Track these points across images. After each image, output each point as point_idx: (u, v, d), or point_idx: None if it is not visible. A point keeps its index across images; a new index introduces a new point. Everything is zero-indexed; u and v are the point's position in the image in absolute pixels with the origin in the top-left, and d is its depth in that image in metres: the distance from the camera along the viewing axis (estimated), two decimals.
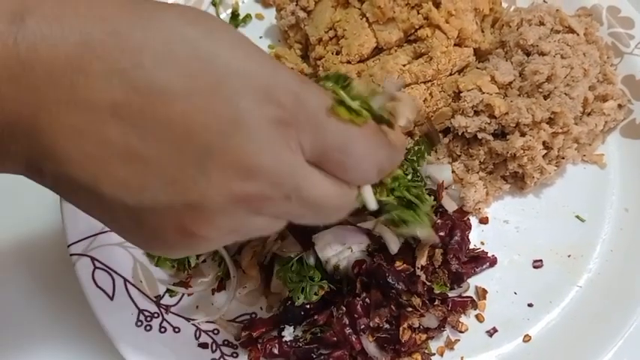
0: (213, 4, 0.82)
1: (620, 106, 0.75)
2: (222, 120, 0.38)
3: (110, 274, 0.65)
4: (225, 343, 0.66)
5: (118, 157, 0.38)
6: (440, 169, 0.70)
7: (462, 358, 0.66)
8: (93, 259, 0.65)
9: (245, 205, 0.41)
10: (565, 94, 0.69)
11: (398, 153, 0.49)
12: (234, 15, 0.82)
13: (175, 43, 0.38)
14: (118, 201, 0.39)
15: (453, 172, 0.70)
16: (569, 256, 0.70)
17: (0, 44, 0.35)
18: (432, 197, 0.67)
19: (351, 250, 0.64)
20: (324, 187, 0.44)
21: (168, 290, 0.67)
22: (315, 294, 0.63)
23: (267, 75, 0.40)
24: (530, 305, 0.68)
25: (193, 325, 0.66)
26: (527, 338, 0.67)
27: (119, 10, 0.39)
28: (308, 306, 0.64)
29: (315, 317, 0.64)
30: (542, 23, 0.73)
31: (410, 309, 0.63)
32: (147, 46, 0.37)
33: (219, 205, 0.40)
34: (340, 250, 0.64)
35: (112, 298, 0.64)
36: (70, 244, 0.66)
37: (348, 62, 0.71)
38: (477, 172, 0.71)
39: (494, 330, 0.67)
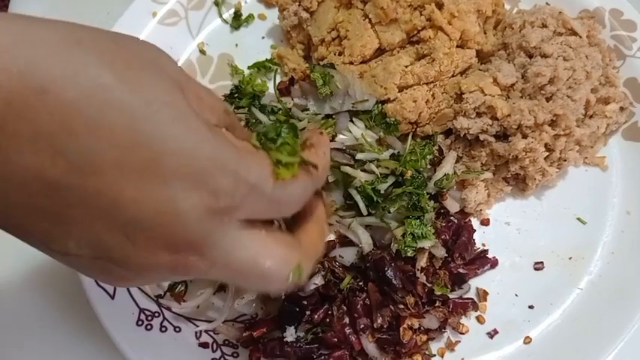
0: (216, 4, 0.82)
1: (622, 108, 0.75)
2: (154, 199, 0.37)
3: None
4: (226, 342, 0.66)
5: (44, 215, 0.37)
6: None
7: (462, 359, 0.66)
8: None
9: (170, 270, 0.40)
10: (567, 96, 0.69)
11: (321, 181, 0.49)
12: (237, 15, 0.82)
13: (112, 109, 0.35)
14: (49, 248, 0.39)
15: (454, 173, 0.70)
16: (570, 258, 0.70)
17: None
18: (433, 201, 0.68)
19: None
20: (253, 254, 0.43)
21: (169, 289, 0.67)
22: None
23: (205, 156, 0.38)
24: (530, 307, 0.68)
25: (194, 324, 0.66)
26: (527, 340, 0.67)
27: (45, 56, 0.35)
28: (305, 302, 0.64)
29: (312, 315, 0.64)
30: (544, 25, 0.73)
31: (402, 306, 0.63)
32: (79, 110, 0.35)
33: (142, 271, 0.40)
34: None
35: (112, 297, 0.64)
36: None
37: (351, 63, 0.71)
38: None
39: (495, 332, 0.67)
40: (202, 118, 0.40)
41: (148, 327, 0.64)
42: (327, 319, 0.64)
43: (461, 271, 0.67)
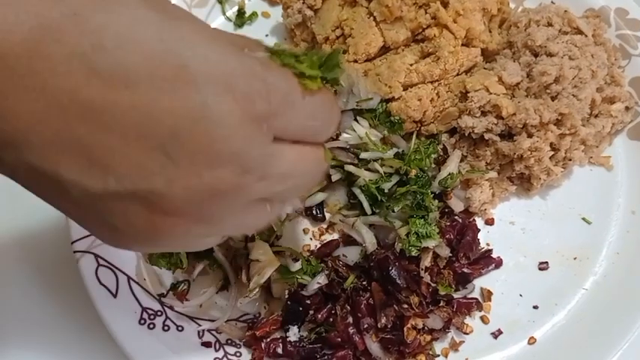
0: (219, 1, 0.81)
1: (627, 108, 0.74)
2: (188, 105, 0.36)
3: (114, 272, 0.65)
4: (229, 342, 0.65)
5: (81, 144, 0.36)
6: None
7: (466, 359, 0.66)
8: (97, 256, 0.65)
9: (218, 194, 0.39)
10: (573, 95, 0.68)
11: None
12: (241, 13, 0.82)
13: (138, 25, 0.36)
14: (81, 188, 0.37)
15: (459, 172, 0.70)
16: (575, 258, 0.70)
17: None
18: (437, 200, 0.67)
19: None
20: (295, 155, 0.43)
21: (172, 288, 0.67)
22: None
23: (233, 61, 0.38)
24: (535, 307, 0.68)
25: (197, 323, 0.66)
26: (532, 340, 0.66)
27: None
28: (308, 301, 0.64)
29: (316, 314, 0.64)
30: (550, 24, 0.72)
31: (406, 306, 0.63)
32: (108, 27, 0.36)
33: (187, 194, 0.38)
34: None
35: (115, 296, 0.64)
36: (74, 241, 0.65)
37: (355, 61, 0.71)
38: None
39: (499, 332, 0.67)
40: (225, 37, 0.41)
41: (151, 326, 0.64)
42: (331, 319, 0.64)
43: (465, 270, 0.67)
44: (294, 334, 0.63)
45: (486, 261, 0.69)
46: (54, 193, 0.39)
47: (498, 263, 0.69)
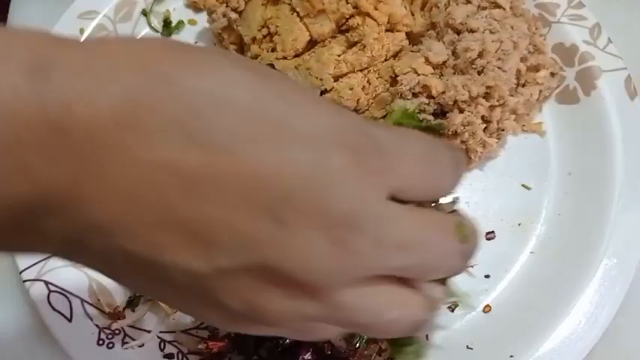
0: (144, 13, 0.81)
1: (552, 74, 0.77)
2: (295, 165, 0.32)
3: (66, 296, 0.65)
4: (191, 350, 0.66)
5: (182, 221, 0.32)
6: None
7: (426, 335, 0.67)
8: (47, 282, 0.65)
9: (329, 256, 0.33)
10: (498, 67, 0.70)
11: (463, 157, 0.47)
12: (167, 23, 0.81)
13: (233, 86, 0.33)
14: (186, 270, 0.33)
15: None
16: (519, 224, 0.72)
17: (21, 106, 0.29)
18: None
19: None
20: (413, 220, 0.36)
21: (128, 304, 0.66)
22: None
23: (336, 116, 0.35)
24: (487, 276, 0.69)
25: (157, 336, 0.66)
26: (487, 309, 0.68)
27: (162, 53, 0.33)
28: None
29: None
30: (468, 1, 0.74)
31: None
32: (202, 91, 0.32)
33: (304, 263, 0.33)
34: None
35: (70, 320, 0.64)
36: (22, 271, 0.65)
37: (284, 58, 0.72)
38: None
39: (455, 304, 0.68)
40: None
41: (110, 345, 0.64)
42: None
43: None
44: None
45: None
46: (148, 279, 0.34)
47: None
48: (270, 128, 0.32)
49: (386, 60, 0.72)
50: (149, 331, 0.66)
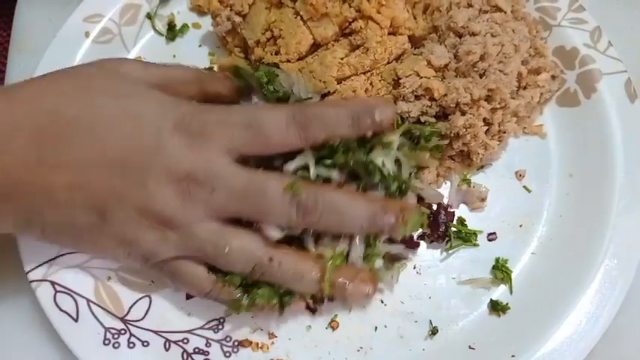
0: (148, 17, 0.82)
1: (553, 77, 0.77)
2: (147, 152, 0.55)
3: (72, 297, 0.65)
4: (196, 350, 0.66)
5: (81, 198, 0.55)
6: None
7: (431, 330, 0.68)
8: (53, 283, 0.65)
9: (180, 204, 0.55)
10: (499, 70, 0.71)
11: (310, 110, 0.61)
12: (171, 26, 0.82)
13: (104, 108, 0.56)
14: (85, 225, 0.57)
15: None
16: (520, 225, 0.73)
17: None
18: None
19: None
20: (246, 172, 0.57)
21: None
22: None
23: (167, 108, 0.57)
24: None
25: (162, 336, 0.66)
26: (489, 310, 0.69)
27: (57, 96, 0.56)
28: None
29: None
30: (470, 5, 0.75)
31: None
32: (82, 116, 0.55)
33: (160, 205, 0.55)
34: None
35: (76, 320, 0.64)
36: (29, 271, 0.65)
37: (288, 61, 0.72)
38: None
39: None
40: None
41: (116, 345, 0.64)
42: None
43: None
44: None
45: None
46: (75, 236, 0.60)
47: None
48: (132, 121, 0.56)
49: (388, 63, 0.73)
50: (155, 331, 0.66)
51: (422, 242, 0.71)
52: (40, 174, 0.54)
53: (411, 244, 0.70)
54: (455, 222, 0.72)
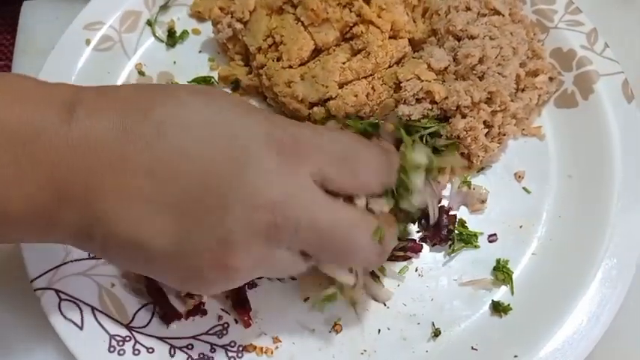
0: (149, 24, 0.82)
1: (551, 78, 0.78)
2: (233, 166, 0.47)
3: (77, 304, 0.65)
4: (201, 356, 0.66)
5: (157, 212, 0.47)
6: None
7: (435, 331, 0.68)
8: (58, 291, 0.65)
9: (263, 234, 0.48)
10: (498, 73, 0.72)
11: (394, 159, 0.58)
12: (171, 33, 0.82)
13: (189, 114, 0.48)
14: (159, 249, 0.48)
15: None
16: (520, 226, 0.73)
17: (52, 134, 0.45)
18: None
19: None
20: (331, 212, 0.51)
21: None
22: None
23: (264, 121, 0.50)
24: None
25: (167, 343, 0.66)
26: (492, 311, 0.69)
27: (139, 96, 0.49)
28: None
29: None
30: (468, 8, 0.76)
31: None
32: (167, 120, 0.48)
33: (243, 237, 0.48)
34: None
35: (81, 328, 0.64)
36: (33, 280, 0.65)
37: (290, 67, 0.73)
38: None
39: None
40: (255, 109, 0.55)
41: (121, 352, 0.64)
42: None
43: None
44: None
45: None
46: (136, 258, 0.50)
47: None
48: (214, 145, 0.48)
49: (390, 67, 0.73)
50: (159, 338, 0.66)
51: (424, 245, 0.72)
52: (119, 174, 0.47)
53: (414, 248, 0.70)
54: (456, 224, 0.72)
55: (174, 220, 0.47)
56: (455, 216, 0.72)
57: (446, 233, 0.70)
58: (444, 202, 0.73)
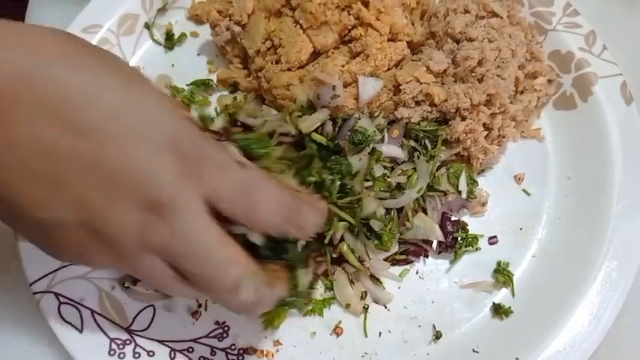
0: (147, 27, 0.82)
1: (549, 80, 0.78)
2: (132, 158, 0.44)
3: (76, 307, 0.65)
4: (202, 359, 0.66)
5: (38, 178, 0.43)
6: None
7: (436, 334, 0.68)
8: (57, 294, 0.65)
9: (137, 232, 0.46)
10: (497, 75, 0.72)
11: (313, 209, 0.54)
12: (169, 35, 0.82)
13: (103, 87, 0.44)
14: (33, 216, 0.45)
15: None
16: (521, 228, 0.73)
17: None
18: None
19: None
20: (212, 237, 0.47)
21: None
22: None
23: (176, 128, 0.46)
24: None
25: (167, 346, 0.66)
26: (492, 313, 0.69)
27: (52, 44, 0.44)
28: None
29: None
30: (467, 11, 0.76)
31: None
32: (76, 85, 0.43)
33: (116, 228, 0.45)
34: None
35: (81, 331, 0.64)
36: (32, 283, 0.65)
37: (289, 70, 0.73)
38: None
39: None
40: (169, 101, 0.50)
41: (121, 355, 0.64)
42: None
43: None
44: None
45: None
46: (10, 217, 0.47)
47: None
48: (121, 128, 0.44)
49: (388, 69, 0.74)
50: (160, 341, 0.66)
51: (429, 250, 0.72)
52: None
53: (416, 252, 0.70)
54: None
55: (53, 193, 0.44)
56: (459, 221, 0.72)
57: (451, 240, 0.70)
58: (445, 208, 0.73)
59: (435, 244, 0.71)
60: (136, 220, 0.45)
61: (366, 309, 0.69)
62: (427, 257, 0.72)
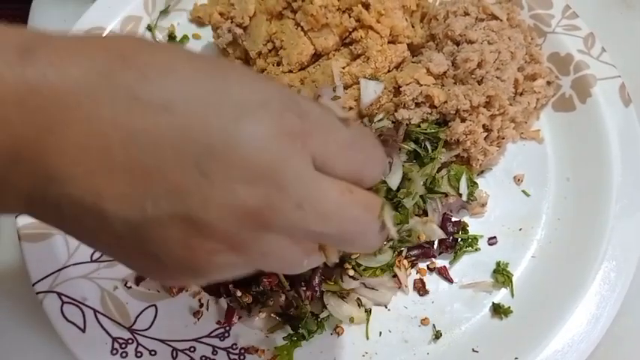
0: (149, 28, 0.83)
1: (548, 82, 0.79)
2: (222, 122, 0.37)
3: (79, 307, 0.66)
4: (203, 358, 0.67)
5: (121, 169, 0.36)
6: None
7: (436, 332, 0.69)
8: (60, 294, 0.66)
9: (252, 214, 0.38)
10: (496, 77, 0.72)
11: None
12: (171, 37, 0.83)
13: (177, 61, 0.39)
14: (121, 217, 0.37)
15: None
16: (520, 229, 0.74)
17: (8, 74, 0.35)
18: None
19: None
20: (339, 193, 0.41)
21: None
22: None
23: (267, 87, 0.40)
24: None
25: (169, 345, 0.67)
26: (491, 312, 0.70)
27: (124, 39, 0.40)
28: None
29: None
30: (466, 13, 0.76)
31: None
32: (151, 63, 0.38)
33: (223, 213, 0.37)
34: None
35: (83, 331, 0.65)
36: (35, 283, 0.66)
37: (290, 71, 0.73)
38: None
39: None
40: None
41: (123, 354, 0.64)
42: None
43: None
44: None
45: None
46: (95, 230, 0.39)
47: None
48: (203, 94, 0.37)
49: (389, 71, 0.74)
50: (162, 340, 0.67)
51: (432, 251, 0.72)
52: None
53: (426, 253, 0.71)
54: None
55: (139, 181, 0.37)
56: (459, 222, 0.72)
57: (452, 241, 0.71)
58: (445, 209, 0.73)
59: (435, 245, 0.72)
60: (245, 198, 0.37)
61: (369, 312, 0.69)
62: (435, 257, 0.72)
